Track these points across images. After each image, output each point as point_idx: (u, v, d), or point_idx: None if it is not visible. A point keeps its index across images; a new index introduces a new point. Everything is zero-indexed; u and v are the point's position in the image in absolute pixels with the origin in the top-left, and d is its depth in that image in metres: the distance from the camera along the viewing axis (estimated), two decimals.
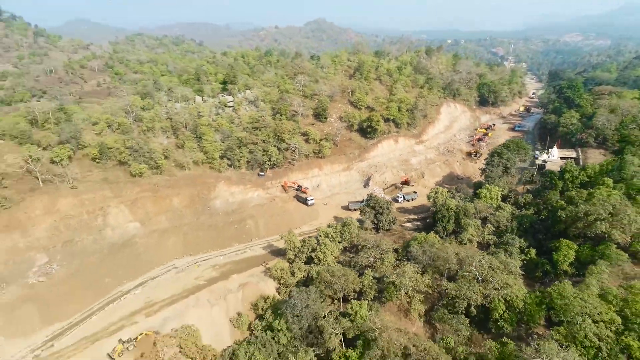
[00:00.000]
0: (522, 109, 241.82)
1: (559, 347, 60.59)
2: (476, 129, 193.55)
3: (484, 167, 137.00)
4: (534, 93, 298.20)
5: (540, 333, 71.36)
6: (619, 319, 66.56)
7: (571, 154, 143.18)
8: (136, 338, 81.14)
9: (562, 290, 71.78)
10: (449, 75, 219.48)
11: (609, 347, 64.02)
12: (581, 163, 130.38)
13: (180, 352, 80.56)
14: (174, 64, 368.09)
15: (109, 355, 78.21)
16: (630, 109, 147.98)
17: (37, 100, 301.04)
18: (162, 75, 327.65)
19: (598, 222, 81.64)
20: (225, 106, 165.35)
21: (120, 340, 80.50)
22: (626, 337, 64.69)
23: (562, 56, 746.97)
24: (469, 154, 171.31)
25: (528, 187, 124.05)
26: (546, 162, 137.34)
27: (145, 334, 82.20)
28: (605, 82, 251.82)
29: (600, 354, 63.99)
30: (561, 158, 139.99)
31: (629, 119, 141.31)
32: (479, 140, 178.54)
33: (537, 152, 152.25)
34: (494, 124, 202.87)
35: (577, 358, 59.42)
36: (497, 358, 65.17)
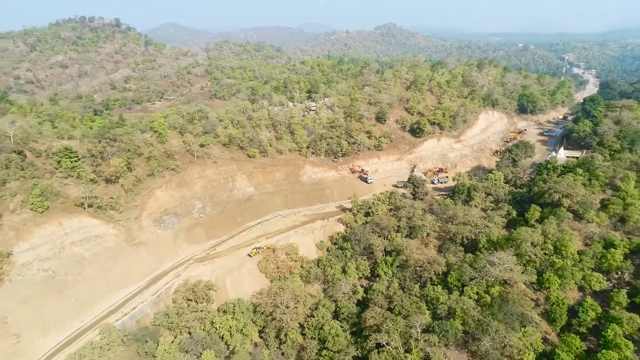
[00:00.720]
0: (560, 117, 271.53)
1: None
2: (508, 133, 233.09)
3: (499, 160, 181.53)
4: (577, 103, 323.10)
5: None
6: (551, 247, 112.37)
7: (576, 153, 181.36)
8: (262, 248, 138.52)
9: (520, 231, 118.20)
10: (492, 87, 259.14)
11: (540, 261, 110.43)
12: None
13: (287, 257, 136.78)
14: (259, 71, 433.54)
15: (248, 255, 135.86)
16: (631, 120, 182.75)
17: (159, 100, 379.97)
18: (250, 80, 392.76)
19: (554, 193, 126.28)
20: (310, 110, 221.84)
21: (254, 248, 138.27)
22: (553, 257, 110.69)
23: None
24: (495, 152, 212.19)
25: (530, 175, 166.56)
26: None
27: (267, 247, 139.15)
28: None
29: (535, 265, 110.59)
30: (567, 157, 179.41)
31: (628, 128, 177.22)
32: (508, 141, 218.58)
33: (553, 152, 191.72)
34: (525, 129, 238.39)
35: (515, 259, 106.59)
36: (471, 262, 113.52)
